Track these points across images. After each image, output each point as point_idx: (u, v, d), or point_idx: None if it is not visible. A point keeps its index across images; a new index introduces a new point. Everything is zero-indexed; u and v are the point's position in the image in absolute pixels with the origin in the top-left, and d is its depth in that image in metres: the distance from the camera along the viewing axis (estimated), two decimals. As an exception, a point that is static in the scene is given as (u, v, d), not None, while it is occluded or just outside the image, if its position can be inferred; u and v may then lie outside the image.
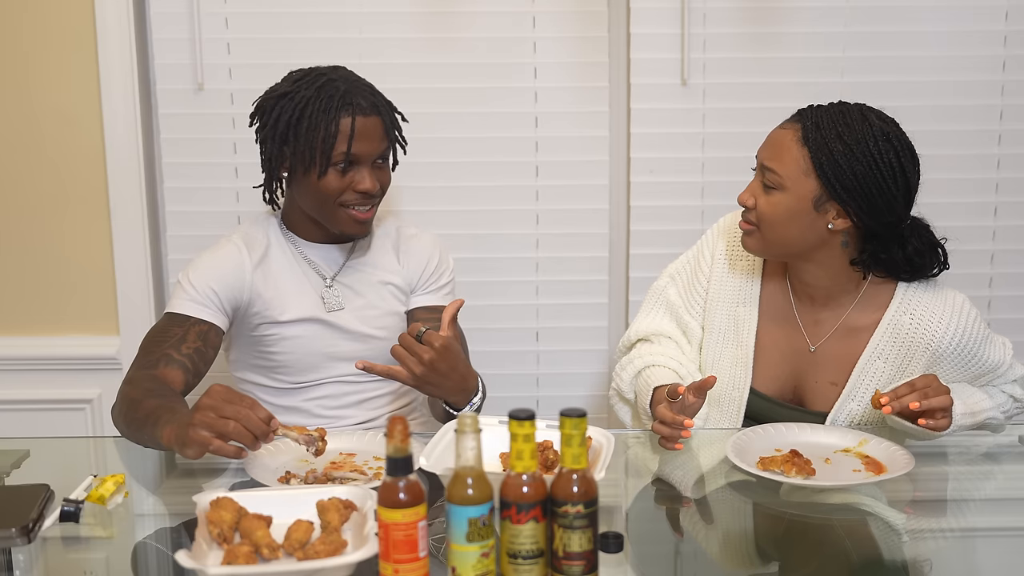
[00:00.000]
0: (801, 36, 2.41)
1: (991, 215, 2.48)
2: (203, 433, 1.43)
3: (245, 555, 1.18)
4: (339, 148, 1.82)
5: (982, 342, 1.77)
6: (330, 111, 1.82)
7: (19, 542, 1.30)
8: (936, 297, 1.78)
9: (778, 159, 1.71)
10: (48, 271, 2.46)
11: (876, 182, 1.67)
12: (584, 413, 1.14)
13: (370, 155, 1.85)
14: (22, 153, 2.42)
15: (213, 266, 1.87)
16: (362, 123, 1.83)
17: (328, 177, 1.83)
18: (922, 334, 1.75)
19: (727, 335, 1.86)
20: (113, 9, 2.34)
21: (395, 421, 1.13)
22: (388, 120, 1.89)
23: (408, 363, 1.66)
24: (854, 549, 1.40)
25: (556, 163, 2.46)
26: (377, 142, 1.86)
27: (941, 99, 2.43)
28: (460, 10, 2.40)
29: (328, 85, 1.85)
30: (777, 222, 1.72)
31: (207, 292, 1.84)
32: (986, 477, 1.73)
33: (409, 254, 2.00)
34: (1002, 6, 2.39)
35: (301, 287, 1.91)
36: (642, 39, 2.40)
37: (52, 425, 2.43)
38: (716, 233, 1.92)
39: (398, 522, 1.12)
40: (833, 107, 1.74)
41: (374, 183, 1.85)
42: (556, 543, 1.15)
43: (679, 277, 1.94)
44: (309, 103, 1.83)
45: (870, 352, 1.77)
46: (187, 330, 1.81)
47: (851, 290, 1.80)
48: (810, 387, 1.83)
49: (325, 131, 1.81)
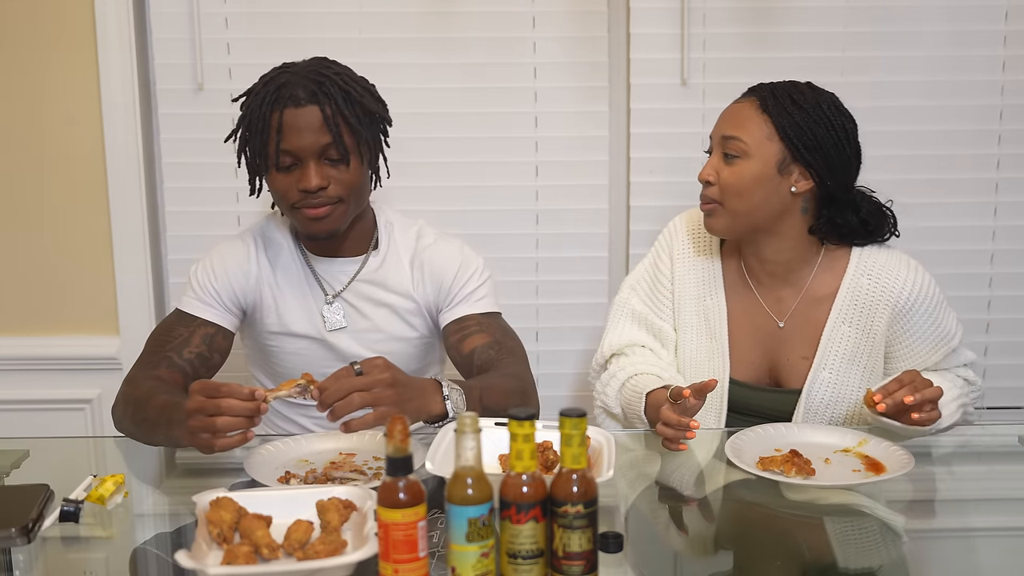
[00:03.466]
0: (801, 36, 2.41)
1: (991, 215, 2.48)
2: (202, 438, 1.45)
3: (245, 555, 1.18)
4: (270, 146, 1.72)
5: (939, 303, 1.84)
6: (263, 106, 1.72)
7: (19, 542, 1.30)
8: (891, 257, 1.85)
9: (741, 127, 1.78)
10: (48, 271, 2.47)
11: (833, 142, 1.78)
12: (584, 413, 1.14)
13: (310, 149, 1.71)
14: (22, 153, 2.42)
15: (221, 265, 1.85)
16: (292, 116, 1.70)
17: (272, 177, 1.75)
18: (881, 292, 1.81)
19: (700, 330, 1.90)
20: (113, 9, 2.35)
21: (395, 421, 1.13)
22: (333, 110, 1.72)
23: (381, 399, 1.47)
24: (853, 549, 1.40)
25: (556, 163, 2.46)
26: (313, 134, 1.71)
27: (941, 99, 2.43)
28: (460, 10, 2.40)
29: (274, 79, 1.75)
30: (744, 190, 1.78)
31: (212, 291, 1.82)
32: (986, 477, 1.73)
33: (424, 269, 1.88)
34: (1002, 6, 2.40)
35: (304, 301, 1.86)
36: (642, 39, 2.41)
37: (52, 425, 2.43)
38: (670, 235, 1.97)
39: (398, 522, 1.12)
40: (783, 82, 1.84)
41: (318, 180, 1.72)
42: (556, 543, 1.15)
43: (640, 286, 1.98)
44: (253, 100, 1.75)
45: (834, 318, 1.83)
46: (192, 332, 1.80)
47: (810, 260, 1.86)
48: (783, 365, 1.87)
49: (259, 129, 1.72)
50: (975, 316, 2.51)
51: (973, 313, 2.51)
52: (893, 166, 2.44)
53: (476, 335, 1.84)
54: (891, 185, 2.44)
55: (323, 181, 1.72)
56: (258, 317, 1.87)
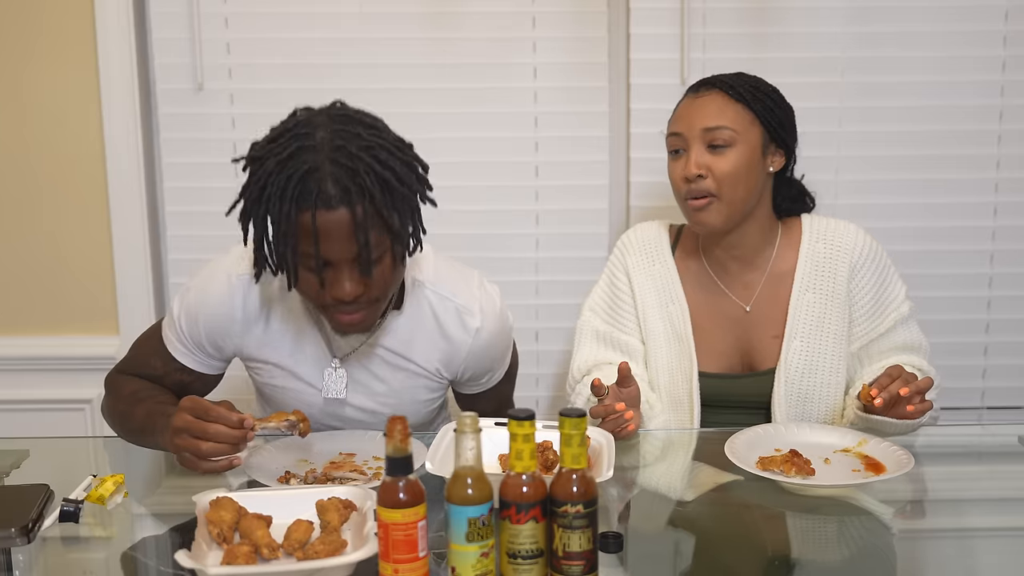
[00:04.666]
0: (801, 36, 2.41)
1: (991, 215, 2.48)
2: (188, 459, 1.46)
3: (245, 555, 1.18)
4: (302, 249, 1.44)
5: (887, 265, 1.91)
6: (285, 199, 1.41)
7: (19, 542, 1.30)
8: (839, 221, 1.93)
9: (725, 118, 1.83)
10: (48, 271, 2.46)
11: (789, 117, 1.90)
12: (584, 413, 1.14)
13: (341, 258, 1.44)
14: (22, 153, 2.42)
15: (203, 310, 1.63)
16: (324, 219, 1.40)
17: (300, 278, 1.48)
18: (836, 252, 1.89)
19: (668, 336, 1.93)
20: (113, 9, 2.34)
21: (395, 421, 1.13)
22: (364, 210, 1.41)
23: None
24: (853, 549, 1.40)
25: (556, 163, 2.46)
26: (344, 243, 1.42)
27: (941, 99, 2.43)
28: (460, 10, 2.40)
29: (294, 157, 1.42)
30: (740, 177, 1.82)
31: (191, 338, 1.65)
32: (985, 477, 1.73)
33: (459, 356, 1.68)
34: (1002, 6, 2.39)
35: (304, 358, 1.68)
36: (642, 39, 2.40)
37: (52, 425, 2.43)
38: (622, 253, 2.01)
39: (398, 522, 1.12)
40: (724, 75, 1.91)
41: (352, 288, 1.47)
42: (556, 543, 1.15)
43: (599, 307, 2.00)
44: (269, 181, 1.43)
45: (798, 287, 1.89)
46: (168, 372, 1.68)
47: (772, 239, 1.93)
48: (756, 348, 1.91)
49: (283, 225, 1.43)
50: (975, 316, 2.51)
51: (973, 313, 2.51)
52: (893, 166, 2.45)
53: (483, 405, 1.81)
54: (891, 185, 2.46)
55: (358, 289, 1.47)
56: (249, 364, 1.72)
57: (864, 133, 2.44)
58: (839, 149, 2.44)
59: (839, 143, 2.44)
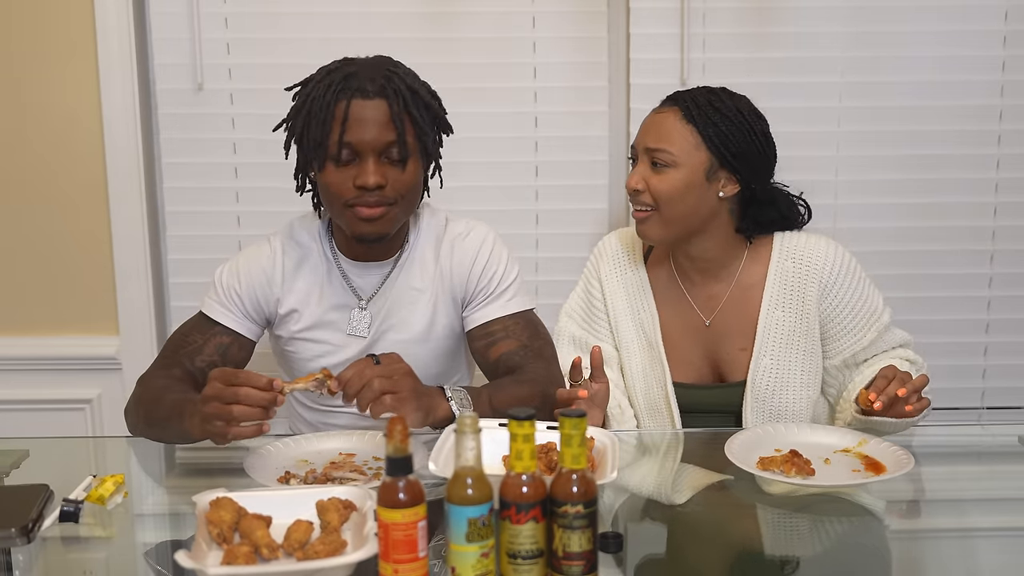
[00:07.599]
0: (801, 36, 2.41)
1: (991, 215, 2.48)
2: (216, 425, 1.46)
3: (245, 555, 1.18)
4: (332, 136, 1.64)
5: (861, 278, 1.89)
6: (327, 95, 1.64)
7: (19, 542, 1.30)
8: (810, 238, 1.91)
9: (667, 139, 1.82)
10: (48, 271, 2.47)
11: (755, 148, 1.84)
12: (583, 413, 1.14)
13: (372, 145, 1.64)
14: (22, 153, 2.42)
15: (246, 268, 1.80)
16: (359, 107, 1.63)
17: (327, 171, 1.66)
18: (806, 270, 1.87)
19: (640, 343, 1.95)
20: (113, 9, 2.35)
21: (395, 421, 1.13)
22: (399, 107, 1.65)
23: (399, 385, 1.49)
24: (853, 549, 1.40)
25: (556, 163, 2.46)
26: (378, 129, 1.64)
27: (941, 99, 2.43)
28: (460, 10, 2.40)
29: (340, 69, 1.68)
30: (675, 197, 1.82)
31: (235, 296, 1.79)
32: (985, 477, 1.73)
33: (448, 261, 1.82)
34: (1002, 6, 2.40)
35: (331, 306, 1.80)
36: (642, 39, 2.40)
37: (52, 425, 2.43)
38: (596, 260, 2.02)
39: (398, 522, 1.12)
40: (699, 89, 1.88)
41: (376, 177, 1.65)
42: (556, 543, 1.15)
43: (575, 314, 2.03)
44: (314, 89, 1.67)
45: (767, 305, 1.88)
46: (207, 340, 1.77)
47: (738, 255, 1.92)
48: (723, 360, 1.92)
49: (322, 119, 1.64)
50: (975, 316, 2.51)
51: (973, 313, 2.51)
52: (893, 166, 2.45)
53: (503, 341, 1.80)
54: (891, 185, 2.46)
55: (382, 179, 1.65)
56: (281, 323, 1.83)
57: (864, 133, 2.44)
58: (839, 149, 2.45)
59: (839, 143, 2.44)
